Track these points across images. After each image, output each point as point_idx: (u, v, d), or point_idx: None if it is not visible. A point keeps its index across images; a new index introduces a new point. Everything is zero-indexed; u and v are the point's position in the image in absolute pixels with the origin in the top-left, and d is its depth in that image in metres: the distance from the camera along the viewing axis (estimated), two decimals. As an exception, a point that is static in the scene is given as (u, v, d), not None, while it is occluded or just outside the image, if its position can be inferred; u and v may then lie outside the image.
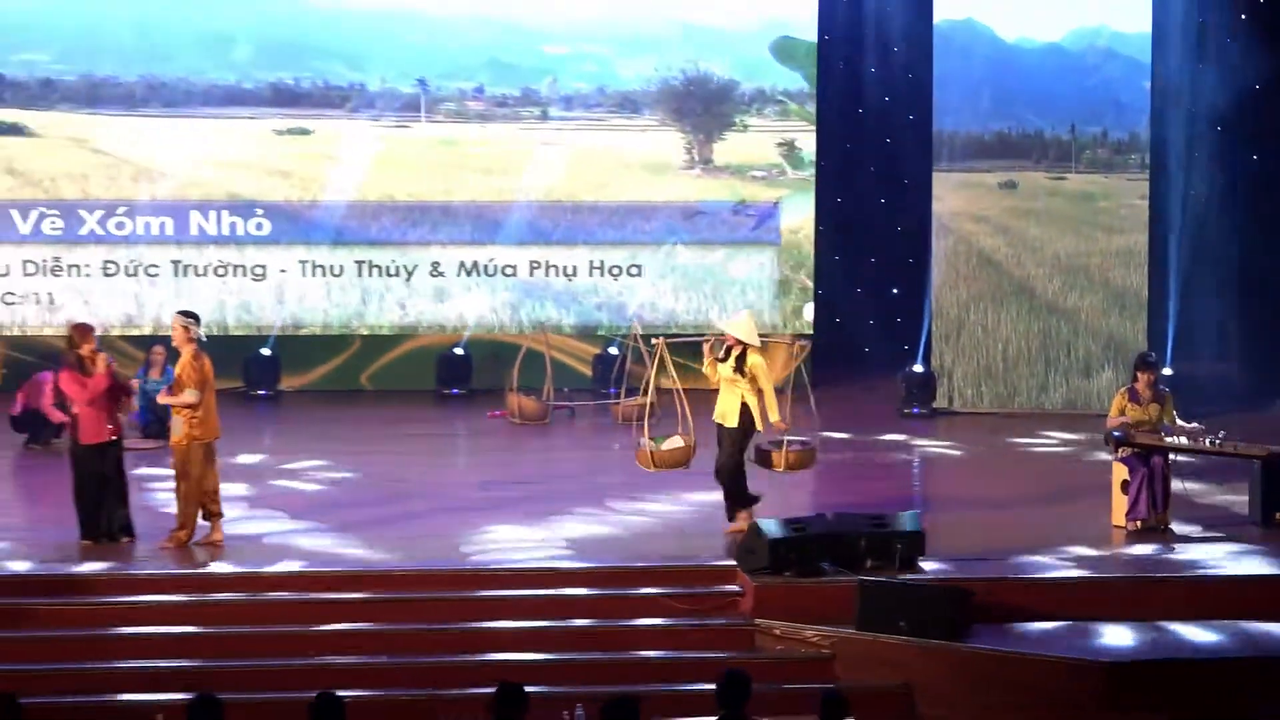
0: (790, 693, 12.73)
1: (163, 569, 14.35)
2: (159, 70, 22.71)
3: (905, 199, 24.15)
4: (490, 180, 23.31)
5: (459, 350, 23.11)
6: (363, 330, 23.13)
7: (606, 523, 16.07)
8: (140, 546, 14.89)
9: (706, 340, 15.45)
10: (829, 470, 18.88)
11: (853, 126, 24.81)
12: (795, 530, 14.21)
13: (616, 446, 19.13)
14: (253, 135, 22.94)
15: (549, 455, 19.63)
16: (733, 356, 15.18)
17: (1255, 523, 15.97)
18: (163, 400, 15.09)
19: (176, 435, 14.77)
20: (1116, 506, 15.86)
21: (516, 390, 21.25)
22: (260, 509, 16.41)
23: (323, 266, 22.95)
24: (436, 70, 23.20)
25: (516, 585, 14.23)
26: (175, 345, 15.06)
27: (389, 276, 23.06)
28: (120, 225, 22.61)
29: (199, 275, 22.71)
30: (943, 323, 22.25)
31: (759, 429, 15.28)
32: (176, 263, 22.71)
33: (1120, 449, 15.83)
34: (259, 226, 22.83)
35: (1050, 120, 22.39)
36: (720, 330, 15.56)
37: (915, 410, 21.93)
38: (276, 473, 18.16)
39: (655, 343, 15.72)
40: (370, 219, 23.08)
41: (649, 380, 15.73)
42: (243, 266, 22.82)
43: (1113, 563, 14.92)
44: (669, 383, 15.77)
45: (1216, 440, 15.71)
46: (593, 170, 23.46)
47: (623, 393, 15.39)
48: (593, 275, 23.31)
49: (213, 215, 22.77)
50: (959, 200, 22.36)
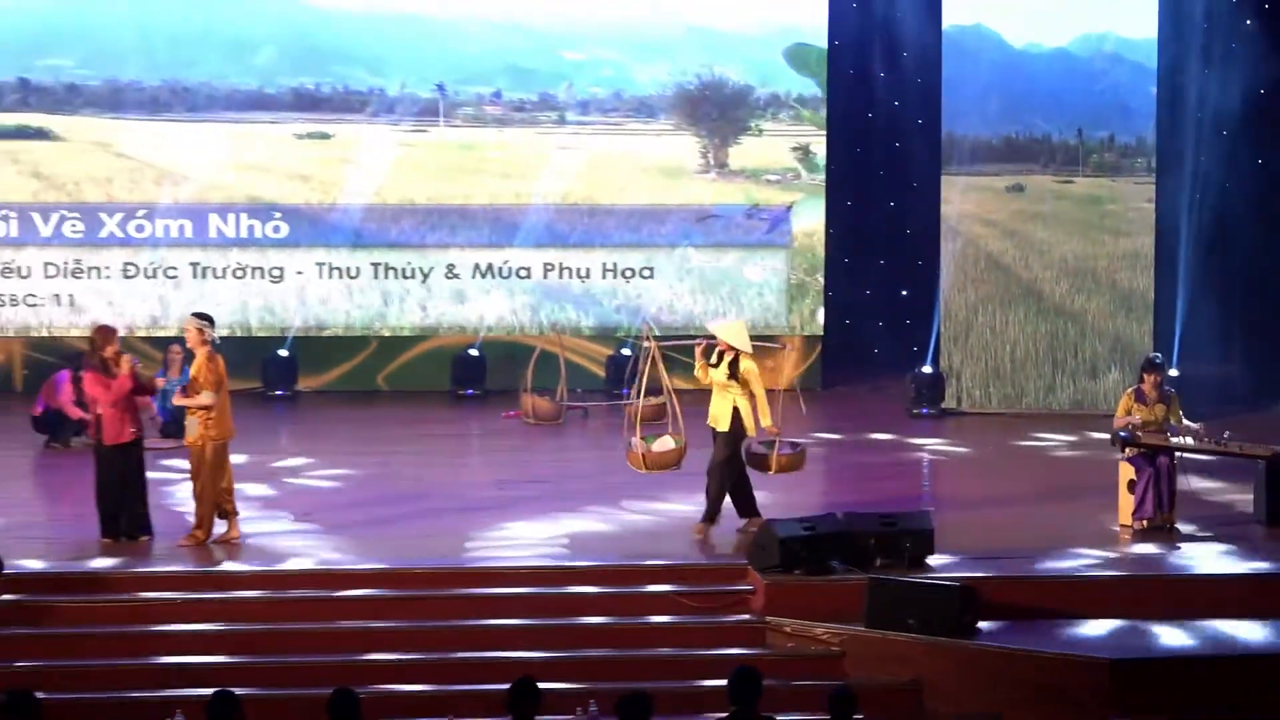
0: (800, 689, 12.72)
1: (181, 567, 14.28)
2: (182, 75, 22.64)
3: (914, 202, 24.05)
4: (508, 184, 23.21)
5: (474, 351, 23.00)
6: (384, 332, 23.04)
7: (620, 521, 15.99)
8: (158, 545, 14.82)
9: (698, 345, 15.41)
10: (839, 470, 18.94)
11: (862, 131, 24.68)
12: (806, 529, 14.16)
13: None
14: (274, 139, 22.86)
15: (563, 455, 19.55)
16: (725, 362, 15.11)
17: (1260, 522, 15.90)
18: (179, 402, 15.03)
19: (192, 436, 14.71)
20: (1123, 506, 15.78)
21: (531, 391, 21.17)
22: (277, 508, 16.33)
23: (344, 269, 22.86)
24: (455, 75, 23.10)
25: (531, 583, 14.16)
26: (190, 347, 15.04)
27: (409, 279, 22.96)
28: (140, 228, 22.52)
29: (217, 277, 22.62)
30: (951, 324, 22.15)
31: (750, 434, 15.23)
32: (195, 264, 22.63)
33: (1127, 449, 15.76)
34: (276, 229, 22.75)
35: (1057, 124, 22.27)
36: (711, 334, 15.45)
37: (924, 411, 21.82)
38: (294, 471, 18.08)
39: (648, 344, 15.65)
40: (390, 222, 23.00)
41: (641, 382, 15.63)
42: (264, 269, 22.73)
43: (1119, 561, 14.83)
44: (681, 383, 15.65)
45: (1222, 440, 15.66)
46: (609, 174, 23.35)
47: (634, 393, 15.34)
48: (610, 278, 23.20)
49: (231, 218, 22.69)
50: (968, 203, 22.25)
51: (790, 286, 23.34)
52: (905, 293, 24.58)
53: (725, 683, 10.27)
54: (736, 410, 15.08)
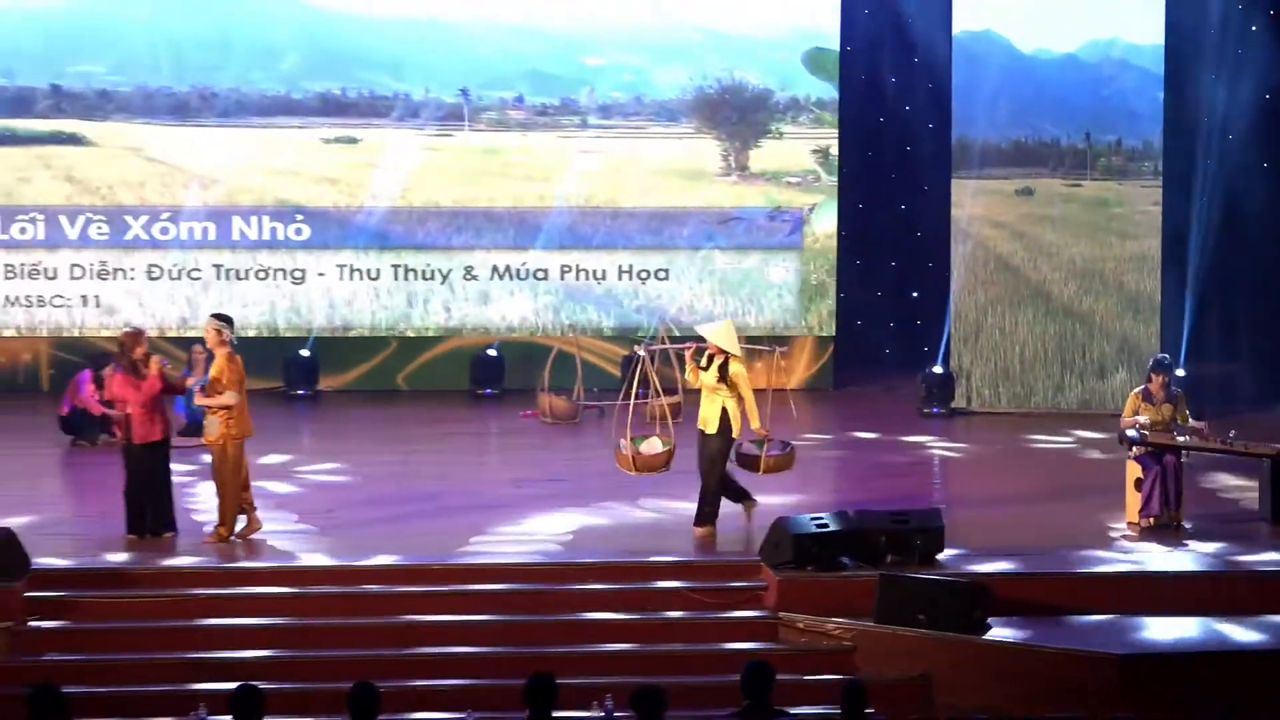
0: (812, 683, 12.63)
1: (205, 562, 14.18)
2: (211, 81, 22.55)
3: (925, 205, 23.94)
4: (531, 187, 23.09)
5: (492, 351, 22.87)
6: (409, 333, 22.92)
7: (635, 519, 15.88)
8: (181, 541, 14.73)
9: (688, 349, 15.29)
10: (851, 468, 18.88)
11: (874, 134, 24.55)
12: (818, 527, 14.07)
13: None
14: (302, 144, 22.75)
15: (580, 453, 19.42)
16: (715, 365, 14.96)
17: (1265, 519, 15.78)
18: (200, 402, 14.93)
19: (214, 435, 14.62)
20: (1130, 504, 15.70)
21: (548, 391, 21.05)
22: (298, 504, 16.23)
23: (369, 270, 22.75)
24: (479, 80, 22.97)
25: (547, 579, 14.04)
26: (209, 347, 15.01)
27: (433, 281, 22.84)
28: (164, 230, 22.43)
29: (240, 279, 22.51)
30: (961, 325, 22.03)
31: (736, 435, 15.09)
32: (219, 266, 22.54)
33: (1134, 448, 15.67)
34: (299, 232, 22.64)
35: (1066, 129, 22.15)
36: (701, 336, 15.32)
37: (935, 410, 21.67)
38: (315, 469, 17.96)
39: (639, 351, 15.50)
40: (415, 224, 22.89)
41: (632, 386, 15.46)
42: (289, 271, 22.64)
43: (1126, 558, 14.71)
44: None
45: (1227, 439, 15.60)
46: (631, 177, 23.21)
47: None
48: (632, 279, 23.05)
49: (254, 220, 22.60)
50: (977, 206, 22.13)
51: (810, 287, 23.16)
52: (916, 294, 24.48)
53: (738, 677, 10.14)
54: (725, 412, 14.94)
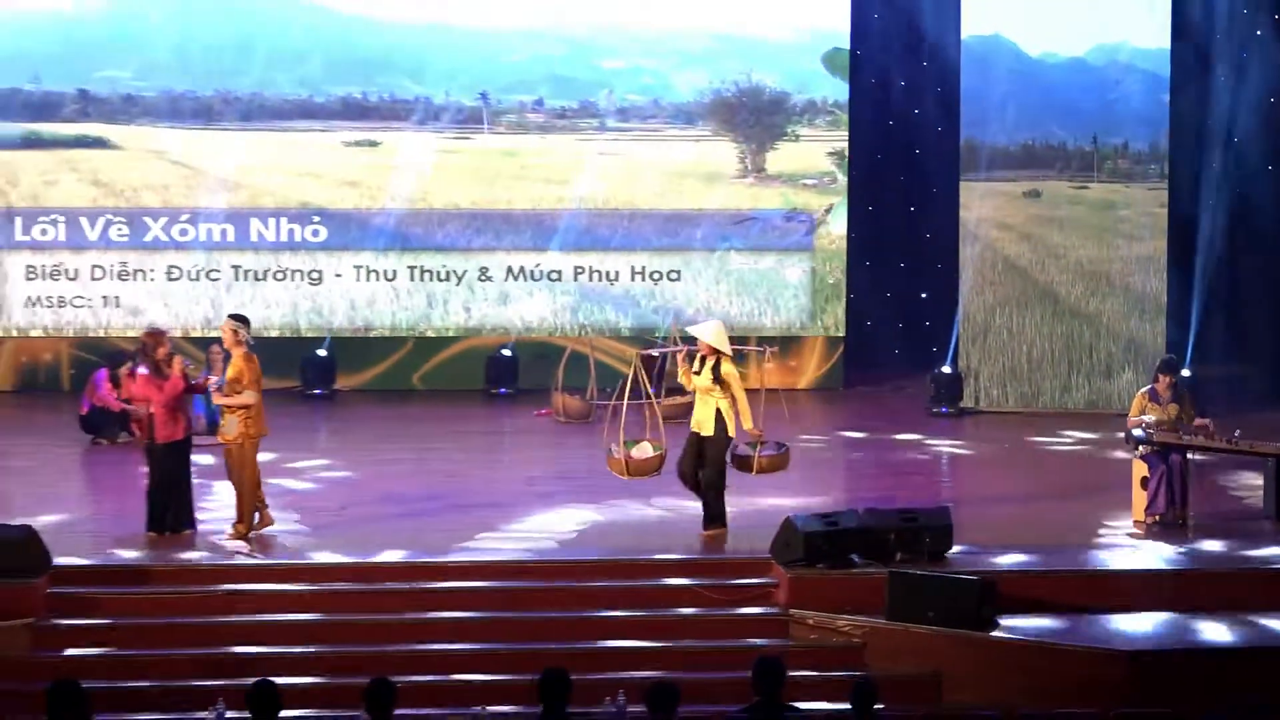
0: (822, 680, 12.53)
1: (224, 560, 14.06)
2: (234, 85, 22.45)
3: (934, 207, 23.78)
4: (550, 189, 22.96)
5: (506, 351, 22.74)
6: (429, 333, 22.79)
7: (649, 517, 15.76)
8: (200, 538, 14.62)
9: (680, 351, 15.14)
10: (860, 466, 18.80)
11: (883, 137, 24.38)
12: (828, 525, 13.96)
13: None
14: (324, 147, 22.64)
15: (593, 452, 19.14)
16: (707, 367, 14.75)
17: (1270, 517, 15.66)
18: (219, 402, 14.83)
19: (232, 434, 14.51)
20: (1136, 502, 15.57)
21: (561, 390, 20.92)
22: (314, 502, 16.12)
23: (388, 272, 22.62)
24: (498, 84, 22.84)
25: (560, 577, 13.92)
26: (226, 348, 14.94)
27: (453, 282, 22.71)
28: (184, 232, 22.32)
29: (259, 280, 22.37)
30: (970, 325, 21.90)
31: (731, 435, 14.84)
32: (237, 268, 22.42)
33: (1140, 447, 15.55)
34: (315, 234, 22.53)
35: (1073, 132, 22.02)
36: (694, 337, 15.11)
37: (943, 410, 21.51)
38: (332, 466, 17.84)
39: (631, 354, 15.41)
40: (436, 226, 22.76)
41: (625, 389, 15.26)
42: (307, 272, 22.52)
43: (1133, 556, 14.63)
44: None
45: (1232, 439, 15.50)
46: (648, 179, 23.06)
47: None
48: (649, 280, 22.91)
49: (272, 222, 22.48)
50: (986, 208, 21.99)
51: (826, 288, 23.00)
52: (925, 295, 24.33)
53: (749, 673, 10.03)
54: (720, 414, 14.73)
